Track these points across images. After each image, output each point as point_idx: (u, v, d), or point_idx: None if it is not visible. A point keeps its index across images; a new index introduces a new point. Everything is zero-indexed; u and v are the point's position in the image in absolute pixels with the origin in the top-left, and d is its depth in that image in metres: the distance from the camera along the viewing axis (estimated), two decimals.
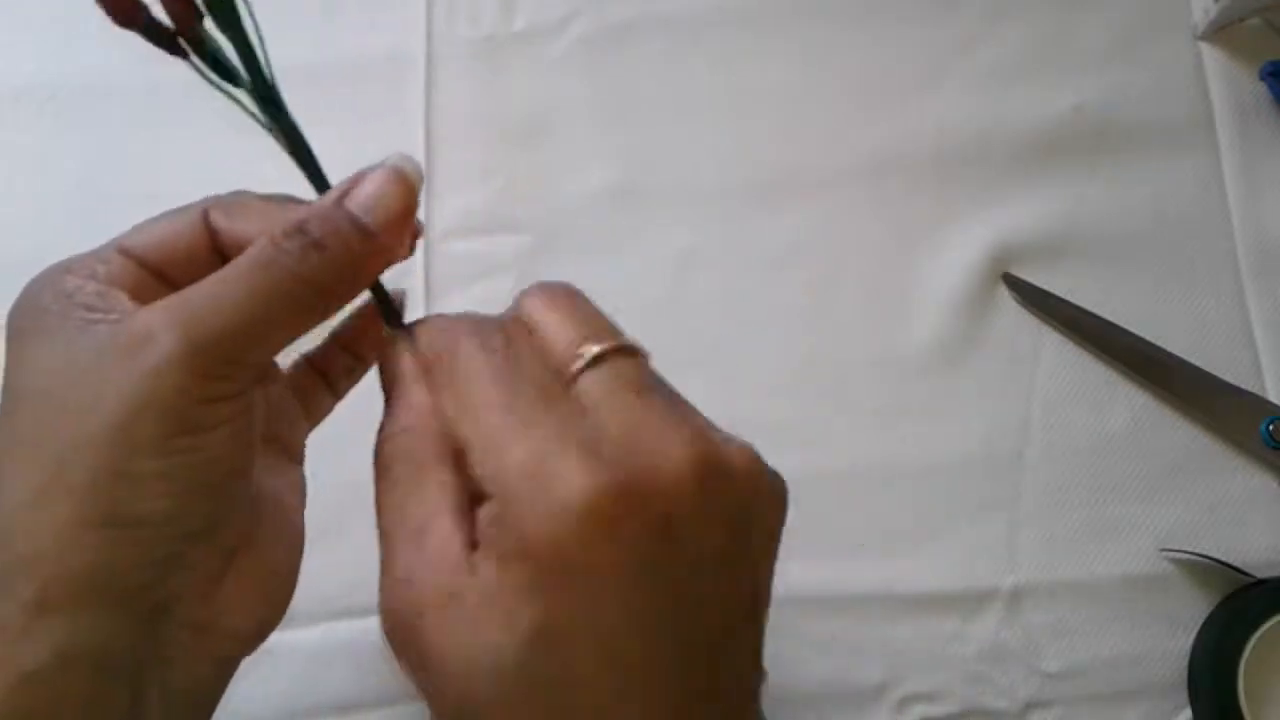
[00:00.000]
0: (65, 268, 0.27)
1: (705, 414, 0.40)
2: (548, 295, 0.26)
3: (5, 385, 0.25)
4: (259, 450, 0.28)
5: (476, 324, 0.26)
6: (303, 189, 0.28)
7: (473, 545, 0.23)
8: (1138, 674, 0.42)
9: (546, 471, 0.21)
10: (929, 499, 0.44)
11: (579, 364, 0.24)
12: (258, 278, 0.24)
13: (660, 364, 0.49)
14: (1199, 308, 0.45)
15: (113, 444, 0.23)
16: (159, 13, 0.26)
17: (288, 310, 0.25)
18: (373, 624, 0.42)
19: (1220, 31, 0.48)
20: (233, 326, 0.24)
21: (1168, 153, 0.47)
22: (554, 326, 0.25)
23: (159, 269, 0.27)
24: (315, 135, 0.41)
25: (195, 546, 0.25)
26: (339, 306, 0.26)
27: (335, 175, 0.46)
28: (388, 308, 0.28)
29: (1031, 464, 0.44)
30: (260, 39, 0.27)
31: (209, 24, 0.26)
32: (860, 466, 0.44)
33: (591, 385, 0.24)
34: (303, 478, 0.32)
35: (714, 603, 0.23)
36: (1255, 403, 0.44)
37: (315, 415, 0.33)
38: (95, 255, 0.27)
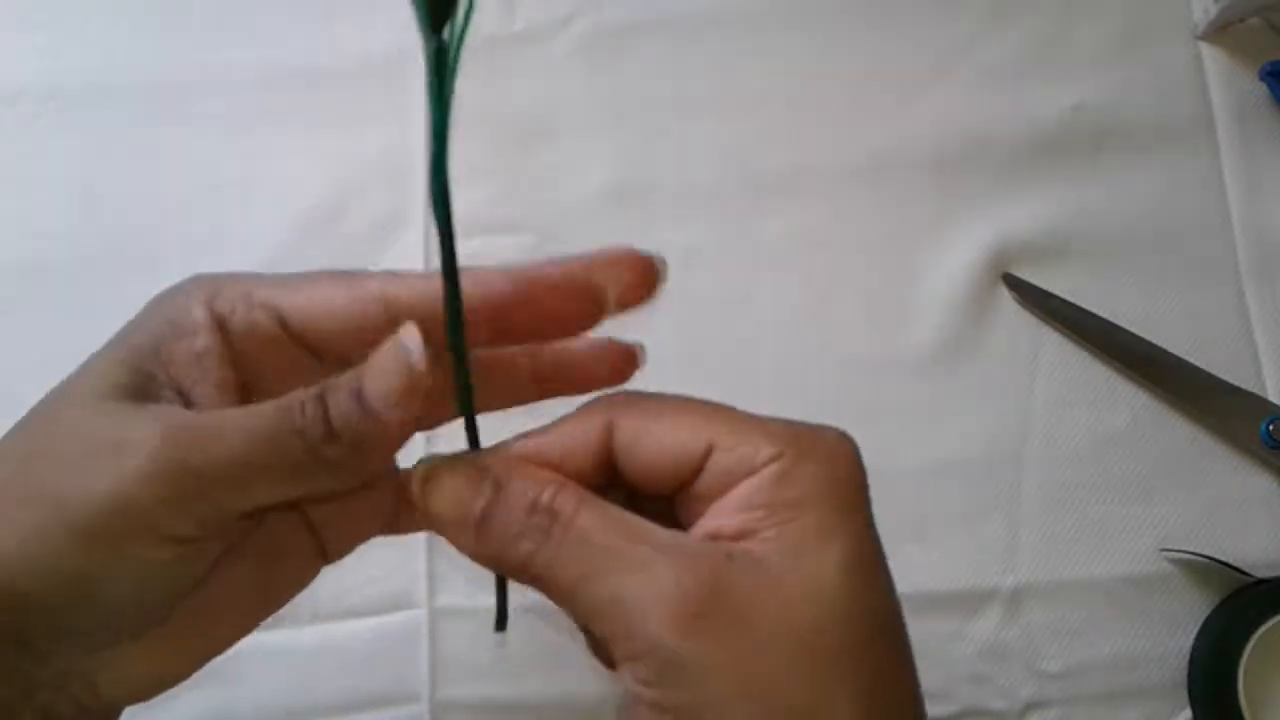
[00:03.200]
0: (216, 289, 0.26)
1: None
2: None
3: (86, 362, 0.26)
4: (281, 536, 0.27)
5: (638, 391, 0.28)
6: None
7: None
8: (1138, 674, 0.42)
9: (812, 429, 0.26)
10: (929, 499, 0.44)
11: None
12: (263, 426, 0.23)
13: (660, 364, 0.49)
14: (1199, 308, 0.45)
15: (44, 519, 0.23)
16: None
17: (282, 471, 0.23)
18: (372, 624, 0.42)
19: (1220, 31, 0.48)
20: (216, 470, 0.23)
21: (1168, 153, 0.47)
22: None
23: (314, 344, 0.26)
24: (316, 135, 0.41)
25: (72, 639, 0.24)
26: (338, 485, 0.25)
27: (332, 178, 0.47)
28: (473, 428, 0.26)
29: (1031, 464, 0.44)
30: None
31: None
32: None
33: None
34: (313, 573, 0.28)
35: None
36: (1255, 403, 0.43)
37: (409, 523, 0.28)
38: (247, 289, 0.26)
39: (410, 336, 0.24)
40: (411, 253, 0.46)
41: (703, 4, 0.50)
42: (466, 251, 0.31)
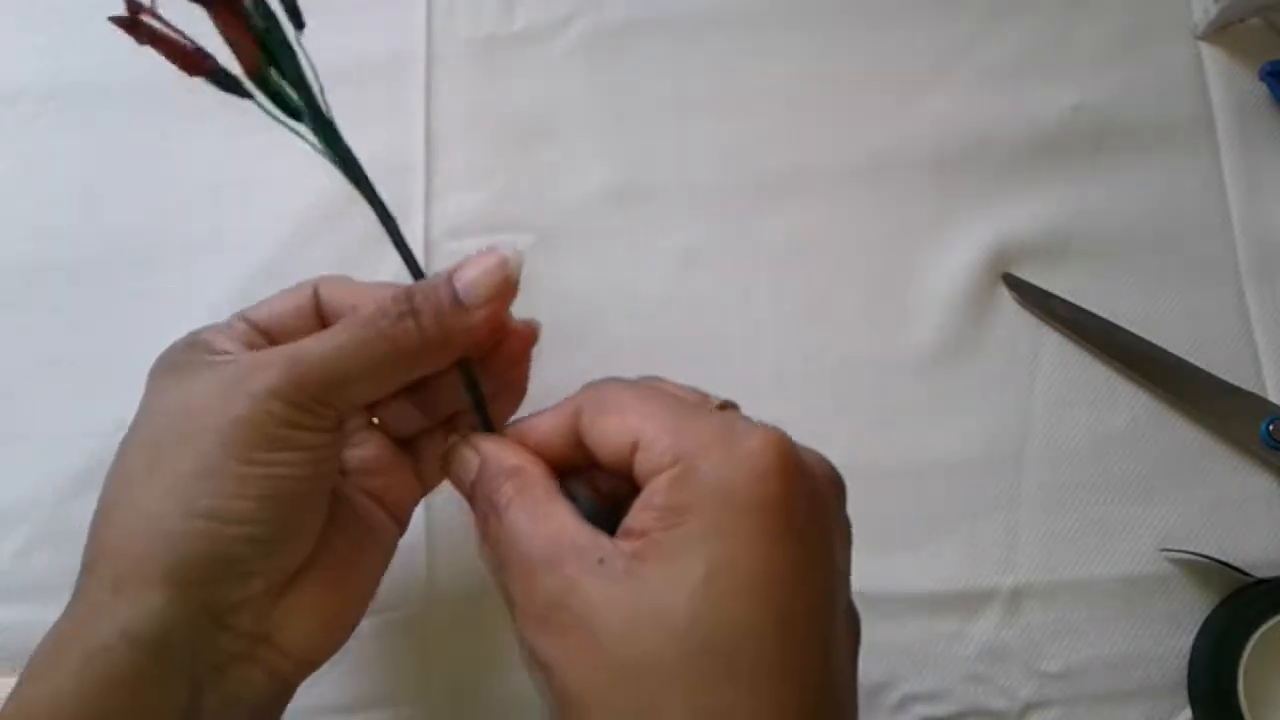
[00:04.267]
0: (201, 329, 0.32)
1: None
2: (655, 377, 0.31)
3: (141, 408, 0.30)
4: (358, 503, 0.33)
5: (616, 380, 0.30)
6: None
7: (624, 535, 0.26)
8: (1138, 674, 0.42)
9: (733, 434, 0.26)
10: (929, 499, 0.44)
11: (714, 404, 0.29)
12: (353, 334, 0.29)
13: (661, 363, 0.49)
14: (1199, 308, 0.45)
15: (210, 446, 0.27)
16: (225, 60, 0.30)
17: (373, 365, 0.29)
18: (372, 624, 0.42)
19: (1220, 31, 0.48)
20: (322, 371, 0.28)
21: (1168, 153, 0.47)
22: (676, 387, 0.30)
23: (269, 333, 0.32)
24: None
25: (258, 554, 0.28)
26: (424, 370, 0.30)
27: (332, 178, 0.46)
28: (480, 409, 0.31)
29: (1031, 464, 0.44)
30: (318, 81, 0.31)
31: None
32: (860, 466, 0.44)
33: (728, 415, 0.28)
34: (394, 539, 0.35)
35: (838, 585, 0.27)
36: (1255, 403, 0.43)
37: (431, 475, 0.35)
38: (224, 322, 0.33)
39: (512, 251, 0.30)
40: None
41: (703, 4, 0.50)
42: (467, 250, 0.32)
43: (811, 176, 0.47)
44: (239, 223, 0.47)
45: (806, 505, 0.26)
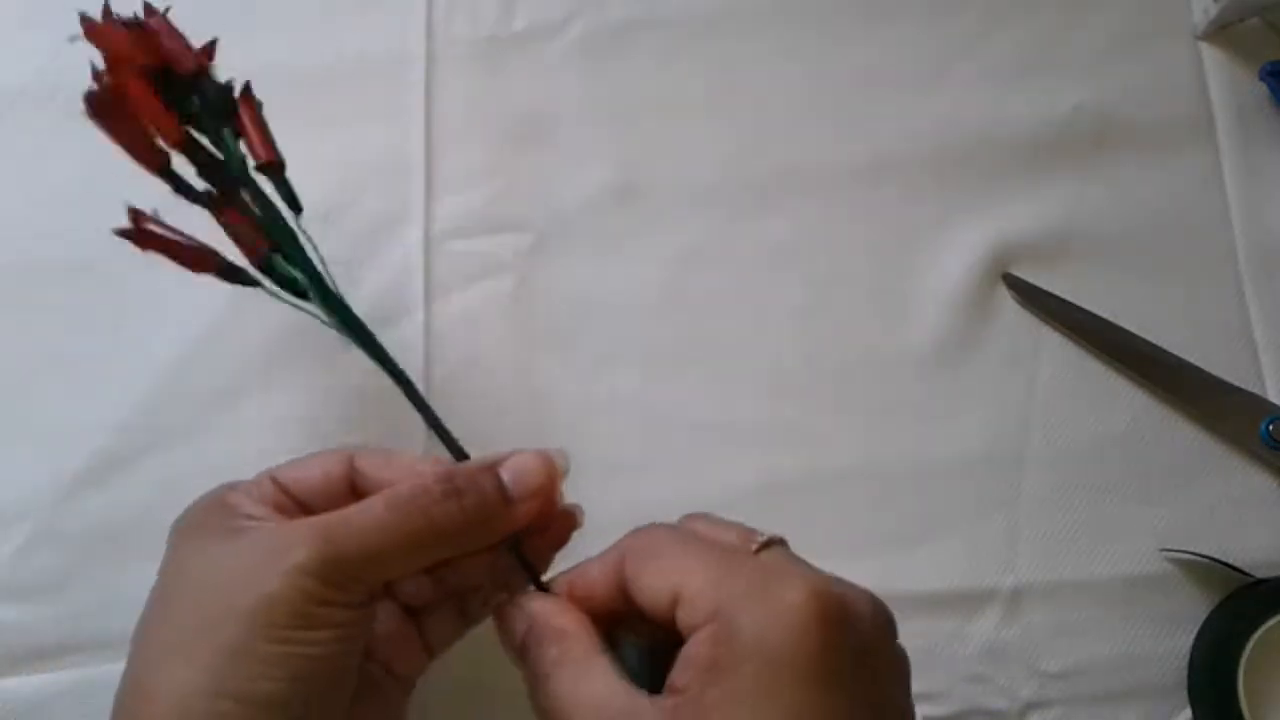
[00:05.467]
0: (229, 486, 0.32)
1: (705, 413, 0.42)
2: (698, 516, 0.32)
3: (162, 576, 0.30)
4: (368, 669, 0.32)
5: (658, 526, 0.30)
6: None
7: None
8: (1138, 674, 0.42)
9: (773, 587, 0.26)
10: (929, 499, 0.44)
11: (755, 545, 0.29)
12: (394, 511, 0.29)
13: (660, 364, 0.49)
14: (1199, 308, 0.45)
15: (240, 625, 0.27)
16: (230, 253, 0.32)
17: (412, 544, 0.29)
18: None
19: (1220, 31, 0.48)
20: (360, 548, 0.28)
21: (1168, 153, 0.47)
22: (718, 528, 0.31)
23: (300, 499, 0.32)
24: (316, 135, 0.41)
25: None
26: (457, 552, 0.30)
27: (332, 178, 0.46)
28: (530, 569, 0.32)
29: (1031, 464, 0.44)
30: (321, 259, 0.32)
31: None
32: (860, 466, 0.44)
33: (769, 558, 0.28)
34: (403, 701, 0.35)
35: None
36: (1255, 403, 0.43)
37: (438, 644, 0.35)
38: (253, 480, 0.32)
39: (559, 453, 0.31)
40: (411, 251, 0.46)
41: (703, 4, 0.50)
42: (467, 250, 0.32)
43: (811, 176, 0.47)
44: None
45: (851, 652, 0.25)
